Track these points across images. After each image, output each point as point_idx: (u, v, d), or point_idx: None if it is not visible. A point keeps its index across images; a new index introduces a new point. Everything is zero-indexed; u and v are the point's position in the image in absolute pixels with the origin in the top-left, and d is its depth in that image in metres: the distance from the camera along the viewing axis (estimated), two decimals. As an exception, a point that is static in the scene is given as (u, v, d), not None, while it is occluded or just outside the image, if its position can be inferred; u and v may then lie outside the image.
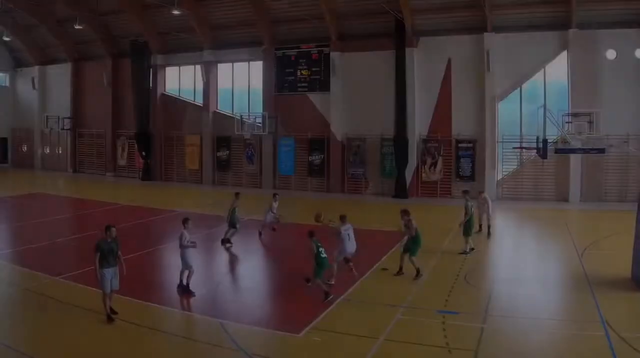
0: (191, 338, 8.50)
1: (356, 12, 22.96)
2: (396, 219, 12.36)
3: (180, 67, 29.07)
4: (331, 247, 10.87)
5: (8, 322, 9.13)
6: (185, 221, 10.38)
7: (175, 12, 24.06)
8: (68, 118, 32.81)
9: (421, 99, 21.98)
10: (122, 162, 30.91)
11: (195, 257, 10.50)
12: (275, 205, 15.01)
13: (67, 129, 32.92)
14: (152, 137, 29.16)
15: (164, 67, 29.26)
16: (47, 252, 13.79)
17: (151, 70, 29.09)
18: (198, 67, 27.80)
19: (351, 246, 10.91)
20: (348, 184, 23.73)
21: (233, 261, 13.52)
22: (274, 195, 15.60)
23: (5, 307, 9.83)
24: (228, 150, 26.88)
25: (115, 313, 8.65)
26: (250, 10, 24.56)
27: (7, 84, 37.10)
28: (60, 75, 33.53)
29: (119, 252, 8.74)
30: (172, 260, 12.40)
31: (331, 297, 9.61)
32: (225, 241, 13.89)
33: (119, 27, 29.53)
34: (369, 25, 23.02)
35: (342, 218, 11.06)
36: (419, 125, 22.05)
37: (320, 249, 9.88)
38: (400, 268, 11.17)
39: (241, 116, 25.63)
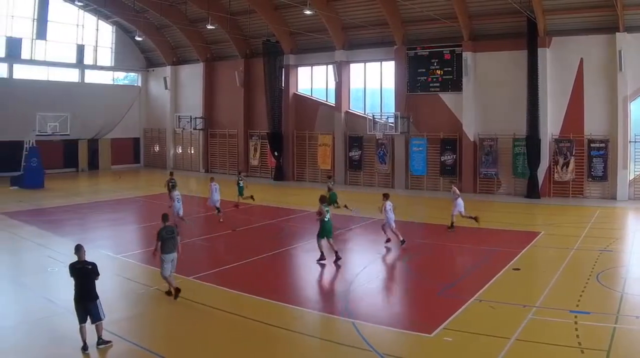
0: (324, 339, 11.80)
1: (488, 12, 32.16)
2: (522, 218, 20.97)
3: (313, 67, 40.46)
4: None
5: (140, 321, 12.96)
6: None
7: (307, 12, 33.90)
8: (200, 118, 46.09)
9: (553, 98, 30.64)
10: (254, 162, 43.42)
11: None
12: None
13: (199, 129, 45.98)
14: (284, 136, 40.64)
15: (296, 67, 41.06)
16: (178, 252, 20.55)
17: (283, 70, 40.54)
18: (330, 67, 38.58)
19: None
20: (480, 184, 32.81)
21: (365, 261, 18.57)
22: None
23: (137, 307, 13.87)
24: (360, 150, 37.53)
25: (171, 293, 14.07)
26: (382, 10, 34.65)
27: (140, 84, 51.33)
28: (192, 75, 47.40)
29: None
30: (303, 261, 18.73)
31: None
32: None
33: (250, 27, 41.58)
34: (501, 25, 32.19)
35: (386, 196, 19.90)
36: (551, 124, 30.76)
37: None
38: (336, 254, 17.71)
39: (373, 116, 36.08)
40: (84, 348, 10.79)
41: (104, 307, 11.32)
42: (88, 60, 48.81)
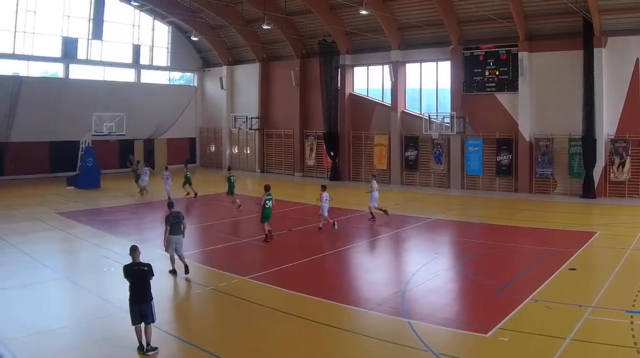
0: (379, 338, 12.68)
1: (544, 12, 35.20)
2: (578, 218, 24.57)
3: (368, 67, 44.34)
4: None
5: (196, 321, 14.18)
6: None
7: (363, 12, 37.33)
8: (256, 118, 50.49)
9: (609, 98, 33.52)
10: (310, 162, 47.68)
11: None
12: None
13: (255, 129, 50.38)
14: (340, 136, 44.62)
15: (352, 67, 45.05)
16: (234, 252, 21.56)
17: (339, 70, 44.42)
18: (386, 67, 42.24)
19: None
20: (536, 184, 35.81)
21: (422, 260, 20.13)
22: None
23: (193, 307, 15.35)
24: (416, 150, 41.15)
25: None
26: (437, 10, 38.02)
27: (196, 84, 56.05)
28: (248, 75, 52.21)
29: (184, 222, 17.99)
30: (358, 261, 20.78)
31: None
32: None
33: (306, 28, 45.55)
34: (557, 25, 35.18)
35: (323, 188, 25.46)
36: (607, 124, 33.60)
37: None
38: (267, 234, 22.69)
39: (429, 116, 39.52)
40: (140, 348, 11.82)
41: (161, 306, 12.64)
42: (144, 60, 53.64)
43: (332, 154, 44.98)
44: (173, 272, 17.74)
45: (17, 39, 44.97)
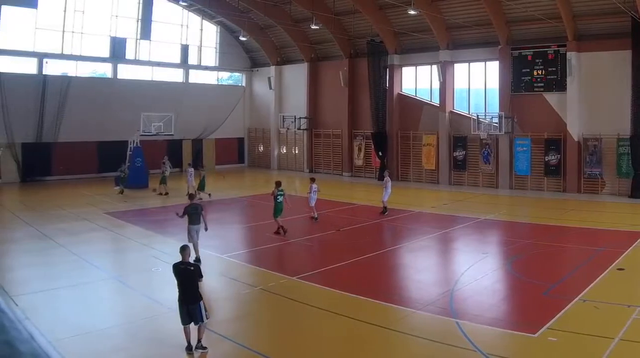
0: (427, 338, 13.35)
1: (592, 12, 37.21)
2: (626, 218, 26.44)
3: (417, 67, 46.77)
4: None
5: (245, 322, 14.96)
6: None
7: (411, 12, 39.57)
8: (304, 118, 53.34)
9: (657, 98, 35.05)
10: (358, 162, 50.36)
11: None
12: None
13: (303, 129, 53.17)
14: (388, 136, 47.25)
15: (400, 67, 47.60)
16: (282, 252, 22.81)
17: (387, 70, 46.95)
18: (434, 67, 44.66)
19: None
20: (584, 184, 37.77)
21: (470, 261, 20.80)
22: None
23: (242, 307, 15.99)
24: (464, 150, 43.46)
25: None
26: (486, 10, 40.17)
27: (244, 84, 59.30)
28: (296, 75, 55.21)
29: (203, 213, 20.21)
30: (407, 260, 21.64)
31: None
32: None
33: (355, 28, 48.14)
34: (605, 25, 37.16)
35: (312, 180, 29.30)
36: (655, 125, 35.14)
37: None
38: (279, 228, 25.00)
39: (477, 116, 41.71)
40: (188, 348, 12.36)
41: (209, 306, 13.14)
42: (192, 60, 56.75)
43: (380, 153, 47.47)
44: (197, 260, 19.06)
45: (66, 39, 47.82)
